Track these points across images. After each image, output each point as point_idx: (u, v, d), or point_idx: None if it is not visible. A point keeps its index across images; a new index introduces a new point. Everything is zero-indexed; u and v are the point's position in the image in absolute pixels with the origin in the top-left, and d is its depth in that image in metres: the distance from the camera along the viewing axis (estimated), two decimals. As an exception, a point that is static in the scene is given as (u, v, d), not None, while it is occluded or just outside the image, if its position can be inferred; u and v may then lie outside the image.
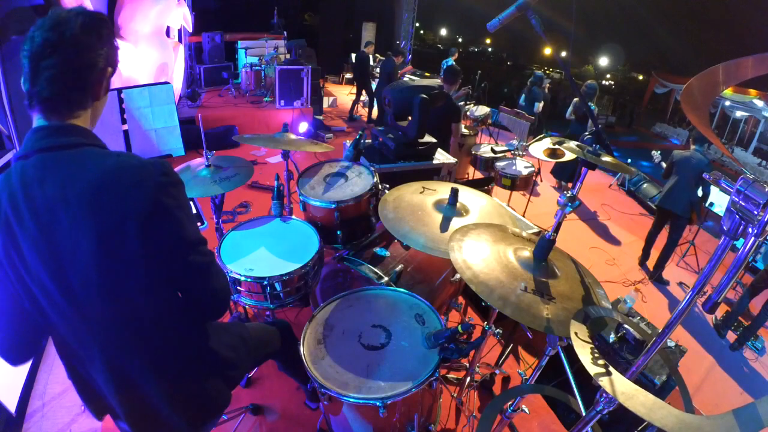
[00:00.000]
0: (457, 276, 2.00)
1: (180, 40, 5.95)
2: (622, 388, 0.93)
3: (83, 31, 0.83)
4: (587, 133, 4.58)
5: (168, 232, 0.89)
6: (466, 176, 4.90)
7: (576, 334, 1.04)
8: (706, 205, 3.87)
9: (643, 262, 4.28)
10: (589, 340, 1.03)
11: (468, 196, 1.93)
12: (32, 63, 0.82)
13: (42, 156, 0.84)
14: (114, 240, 0.83)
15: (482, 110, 5.12)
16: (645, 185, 6.06)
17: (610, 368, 0.97)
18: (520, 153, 4.11)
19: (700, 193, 3.80)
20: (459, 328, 1.31)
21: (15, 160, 0.86)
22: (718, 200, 4.80)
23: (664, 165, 4.12)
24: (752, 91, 13.55)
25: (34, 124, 0.86)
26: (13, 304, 0.92)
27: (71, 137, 0.86)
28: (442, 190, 1.95)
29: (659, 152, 4.31)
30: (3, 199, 0.84)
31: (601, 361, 0.98)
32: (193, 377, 1.08)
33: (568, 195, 1.29)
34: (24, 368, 2.07)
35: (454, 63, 8.05)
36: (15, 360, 1.02)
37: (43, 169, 0.83)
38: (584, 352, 1.00)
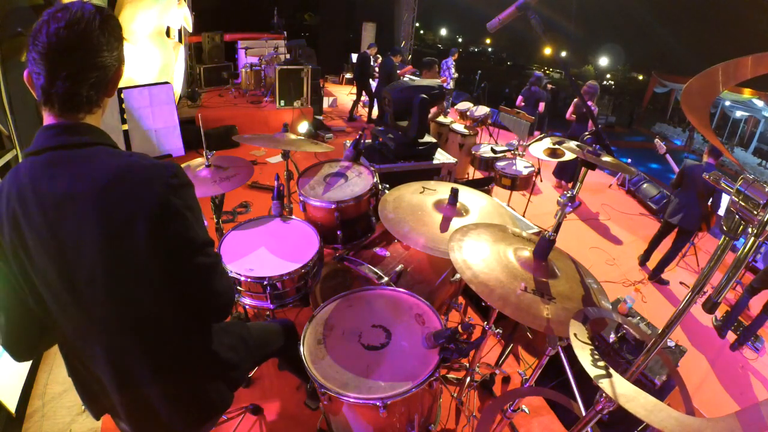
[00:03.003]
0: (457, 276, 2.00)
1: (180, 40, 5.94)
2: (622, 390, 0.93)
3: (102, 32, 0.83)
4: (587, 132, 4.59)
5: (176, 232, 0.88)
6: (466, 176, 4.90)
7: (575, 335, 1.04)
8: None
9: (643, 262, 4.28)
10: (589, 342, 1.03)
11: (468, 196, 1.93)
12: (49, 61, 0.80)
13: (55, 153, 0.83)
14: (121, 239, 0.83)
15: (482, 110, 5.11)
16: (645, 185, 6.05)
17: (610, 370, 0.97)
18: (520, 153, 4.11)
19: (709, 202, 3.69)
20: (459, 328, 1.31)
21: (25, 156, 0.86)
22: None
23: (670, 159, 3.99)
24: (747, 91, 13.56)
25: (46, 120, 0.86)
26: (18, 301, 0.92)
27: (85, 136, 0.86)
28: (442, 190, 1.95)
29: (663, 142, 4.15)
30: (12, 195, 0.83)
31: (601, 363, 0.98)
32: (195, 378, 1.08)
33: (568, 195, 1.30)
34: (24, 368, 2.07)
35: (454, 63, 8.06)
36: (20, 355, 1.02)
37: (54, 166, 0.83)
38: (584, 354, 1.00)
